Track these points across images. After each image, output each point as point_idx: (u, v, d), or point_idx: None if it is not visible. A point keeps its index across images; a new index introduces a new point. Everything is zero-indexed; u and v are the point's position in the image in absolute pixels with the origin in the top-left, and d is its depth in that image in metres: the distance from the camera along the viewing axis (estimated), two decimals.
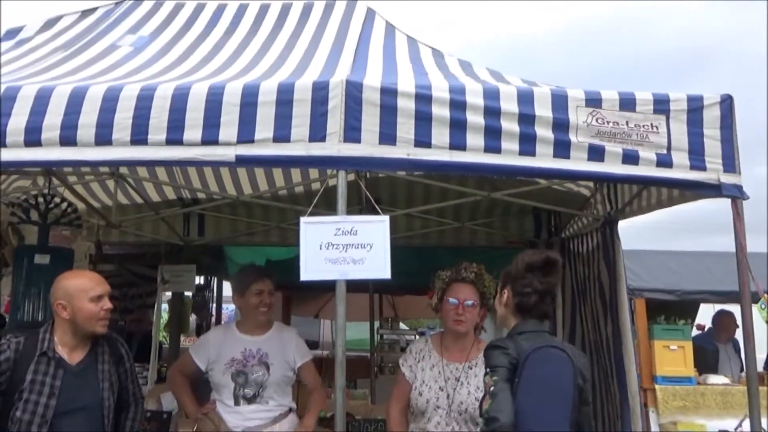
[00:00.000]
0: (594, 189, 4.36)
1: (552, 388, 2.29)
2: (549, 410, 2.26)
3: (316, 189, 4.95)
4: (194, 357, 3.61)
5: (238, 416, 3.47)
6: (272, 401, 3.51)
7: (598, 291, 4.27)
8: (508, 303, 2.57)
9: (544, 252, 2.57)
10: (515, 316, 2.54)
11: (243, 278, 3.62)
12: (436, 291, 3.32)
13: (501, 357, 2.32)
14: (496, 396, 2.20)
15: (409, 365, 3.32)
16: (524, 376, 2.26)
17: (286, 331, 3.73)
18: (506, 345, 2.36)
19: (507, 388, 2.23)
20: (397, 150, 2.68)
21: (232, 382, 3.48)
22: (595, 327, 4.44)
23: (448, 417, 3.14)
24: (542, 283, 2.49)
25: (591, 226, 4.49)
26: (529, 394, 2.24)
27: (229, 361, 3.51)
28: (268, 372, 3.50)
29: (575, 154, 2.76)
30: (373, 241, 2.63)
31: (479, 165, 2.72)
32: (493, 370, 2.29)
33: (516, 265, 2.57)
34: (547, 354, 2.33)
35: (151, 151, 2.63)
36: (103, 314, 2.86)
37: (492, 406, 2.19)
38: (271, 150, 2.64)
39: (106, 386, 2.88)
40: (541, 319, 2.53)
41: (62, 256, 3.81)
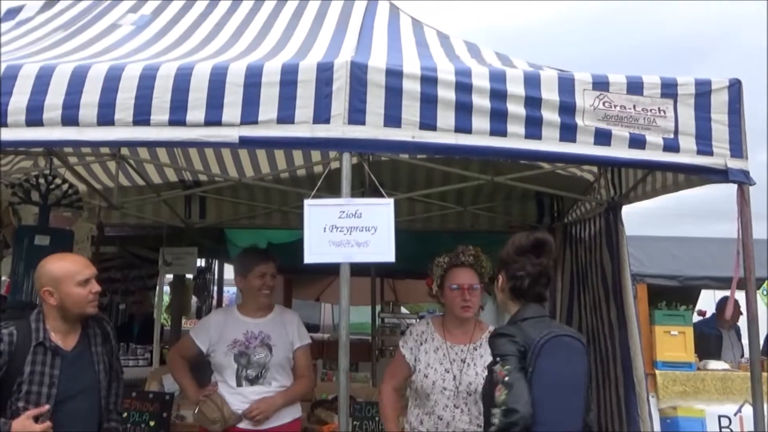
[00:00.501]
0: (598, 174, 4.34)
1: (568, 379, 2.29)
2: (566, 402, 2.26)
3: (318, 172, 4.95)
4: (195, 339, 3.60)
5: (240, 397, 3.47)
6: (275, 382, 3.52)
7: (600, 276, 4.26)
8: (503, 288, 2.56)
9: (534, 234, 2.57)
10: (513, 301, 2.54)
11: (246, 260, 3.62)
12: (435, 278, 3.31)
13: (509, 345, 2.30)
14: (512, 386, 2.17)
15: (409, 347, 3.32)
16: (540, 365, 2.24)
17: (287, 314, 3.73)
18: (512, 332, 2.34)
19: (522, 378, 2.21)
20: (401, 132, 2.65)
21: (234, 363, 3.49)
22: (594, 312, 4.44)
23: (456, 398, 3.15)
24: (534, 265, 2.48)
25: (594, 212, 4.47)
26: (545, 385, 2.23)
27: (231, 342, 3.51)
28: (271, 353, 3.51)
29: (581, 138, 2.73)
30: (378, 224, 2.62)
31: (485, 148, 2.70)
32: (504, 359, 2.26)
33: (507, 249, 2.57)
34: (563, 343, 2.31)
35: (154, 131, 2.60)
36: (91, 297, 2.84)
37: (510, 397, 2.16)
38: (275, 131, 2.61)
39: (101, 368, 2.90)
40: (539, 301, 2.52)
41: (62, 238, 3.81)
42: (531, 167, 4.36)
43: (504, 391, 2.19)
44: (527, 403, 2.15)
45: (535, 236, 2.54)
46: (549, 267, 2.52)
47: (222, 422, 3.41)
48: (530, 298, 2.50)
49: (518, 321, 2.44)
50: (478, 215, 5.67)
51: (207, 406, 3.45)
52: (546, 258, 2.51)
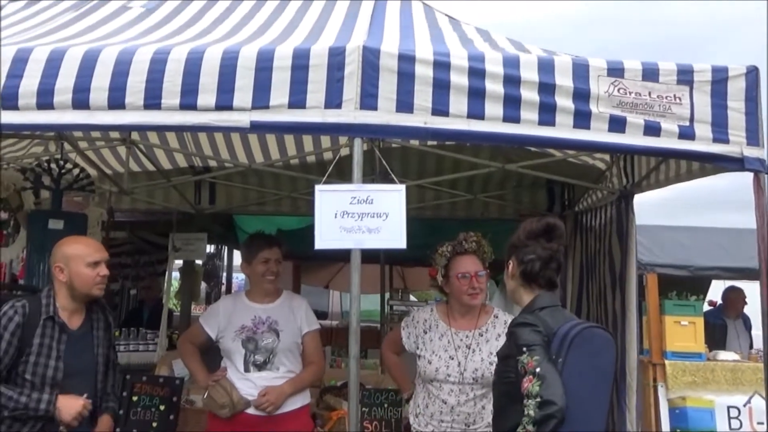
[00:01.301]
0: (610, 162, 4.31)
1: (600, 372, 2.26)
2: (598, 395, 2.24)
3: (328, 158, 4.93)
4: (204, 326, 3.61)
5: (248, 383, 3.48)
6: (283, 367, 3.51)
7: (608, 265, 4.24)
8: (514, 274, 2.54)
9: (544, 218, 2.54)
10: (524, 288, 2.51)
11: (251, 246, 3.61)
12: (439, 267, 3.29)
13: (533, 335, 2.27)
14: (545, 378, 2.13)
15: (408, 332, 3.33)
16: (571, 358, 2.20)
17: (295, 300, 3.72)
18: (534, 322, 2.30)
19: (554, 369, 2.17)
20: (414, 118, 2.63)
21: (242, 349, 3.49)
22: (600, 301, 4.42)
23: (461, 384, 3.15)
24: (545, 249, 2.46)
25: (605, 200, 4.44)
26: (578, 378, 2.19)
27: (239, 328, 3.51)
28: (278, 338, 3.50)
29: (596, 125, 2.69)
30: (389, 211, 2.60)
31: (497, 134, 2.67)
32: (531, 349, 2.22)
33: (518, 234, 2.55)
34: (595, 335, 2.28)
35: (165, 115, 2.59)
36: (99, 279, 2.92)
37: (544, 389, 2.11)
38: (286, 116, 2.59)
39: (100, 352, 2.98)
40: (551, 288, 2.50)
41: (76, 222, 3.81)
42: (542, 155, 4.33)
43: (536, 382, 2.14)
44: (562, 395, 2.11)
45: (546, 221, 2.52)
46: (560, 252, 2.50)
47: (231, 407, 3.42)
48: (541, 284, 2.47)
49: (535, 310, 2.41)
50: (488, 203, 5.65)
51: (216, 391, 3.45)
52: (557, 243, 2.49)
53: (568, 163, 4.54)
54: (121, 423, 3.86)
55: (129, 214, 6.34)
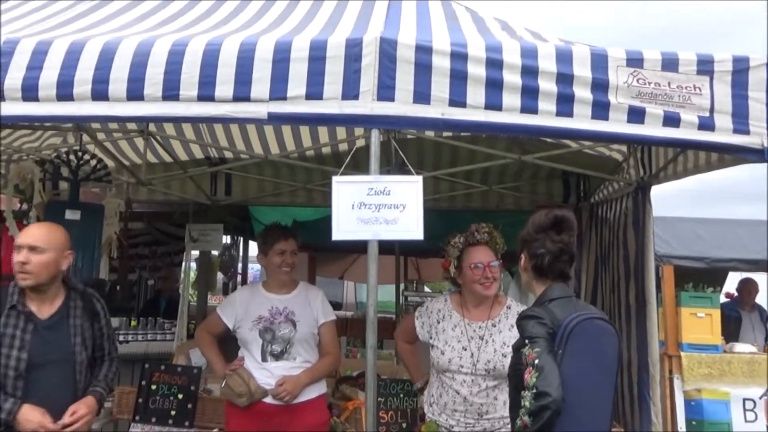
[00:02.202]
0: (627, 153, 4.27)
1: (600, 363, 2.26)
2: (597, 386, 2.24)
3: (343, 150, 4.93)
4: (222, 316, 3.63)
5: (266, 372, 3.50)
6: (299, 357, 3.53)
7: (622, 257, 4.22)
8: (526, 267, 2.54)
9: (553, 211, 2.53)
10: (537, 281, 2.52)
11: (266, 237, 3.63)
12: (452, 259, 3.29)
13: (538, 327, 2.27)
14: (542, 369, 2.15)
15: (422, 322, 3.34)
16: (570, 348, 2.21)
17: (312, 291, 3.74)
18: (540, 314, 2.31)
19: (552, 361, 2.18)
20: (431, 109, 2.61)
21: (259, 339, 3.51)
22: (613, 293, 4.40)
23: (474, 375, 3.15)
24: (555, 242, 2.46)
25: (621, 191, 4.40)
26: (575, 368, 2.20)
27: (256, 318, 3.53)
28: (295, 328, 3.52)
29: (614, 116, 2.66)
30: (407, 202, 2.60)
31: (515, 126, 2.65)
32: (533, 341, 2.23)
33: (527, 228, 2.55)
34: (594, 326, 2.28)
35: (183, 107, 2.59)
36: (17, 266, 2.83)
37: (540, 380, 2.13)
38: (304, 108, 2.59)
39: (77, 341, 2.92)
40: (563, 280, 2.50)
41: (93, 212, 3.84)
42: (558, 146, 4.30)
43: (534, 374, 2.16)
44: (558, 386, 2.13)
45: (555, 213, 2.51)
46: (570, 244, 2.50)
47: (248, 396, 3.44)
48: (553, 276, 2.48)
49: (545, 302, 2.41)
50: (503, 194, 5.63)
51: (234, 380, 3.47)
52: (567, 235, 2.48)
53: (585, 154, 4.51)
54: (140, 411, 3.91)
55: (146, 205, 6.38)
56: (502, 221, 3.43)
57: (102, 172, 4.09)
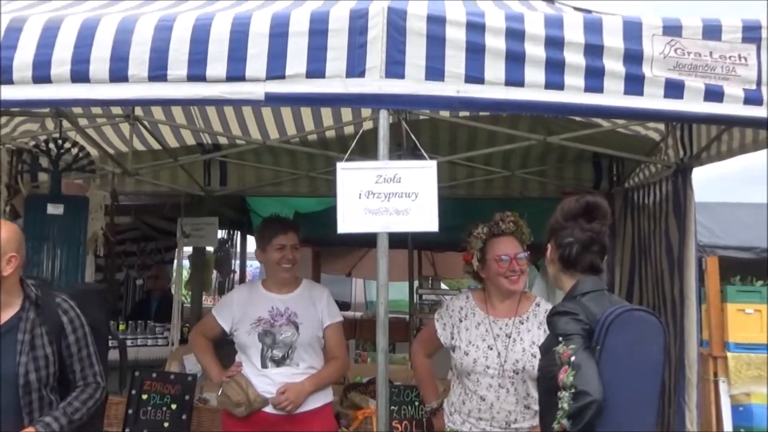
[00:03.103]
0: (665, 132, 4.24)
1: (642, 359, 2.26)
2: (640, 384, 2.24)
3: (349, 133, 4.93)
4: (217, 318, 3.65)
5: (266, 379, 3.52)
6: (303, 363, 3.55)
7: (665, 248, 4.20)
8: (553, 258, 2.56)
9: (584, 197, 2.54)
10: (565, 273, 2.53)
11: (264, 231, 3.64)
12: (475, 251, 3.30)
13: (572, 324, 2.28)
14: (579, 367, 2.15)
15: (443, 323, 3.35)
16: (609, 343, 2.21)
17: (316, 289, 3.75)
18: (574, 310, 2.32)
19: (590, 358, 2.19)
20: (445, 86, 2.60)
21: (259, 343, 3.53)
22: (656, 288, 4.38)
23: (501, 377, 3.15)
24: (585, 231, 2.46)
25: (660, 175, 4.38)
26: (616, 365, 2.20)
27: (255, 320, 3.55)
28: (297, 332, 3.54)
29: (649, 91, 2.65)
30: (419, 190, 2.59)
31: (539, 103, 2.64)
32: (567, 339, 2.24)
33: (555, 216, 2.56)
34: (635, 318, 2.29)
35: (172, 88, 2.59)
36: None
37: (578, 379, 2.14)
38: (305, 87, 2.59)
39: (22, 360, 2.68)
40: (595, 273, 2.50)
41: (77, 206, 3.86)
42: (588, 125, 4.28)
43: (571, 372, 2.16)
44: (598, 385, 2.13)
45: (586, 199, 2.52)
46: (602, 233, 2.50)
47: (247, 405, 3.46)
48: (582, 269, 2.48)
49: (577, 296, 2.41)
50: (527, 180, 5.62)
51: (231, 388, 3.49)
52: (598, 223, 2.48)
53: (618, 134, 4.49)
54: (130, 423, 3.95)
55: (133, 197, 6.42)
56: (526, 210, 3.42)
57: (84, 162, 4.11)
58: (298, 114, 4.82)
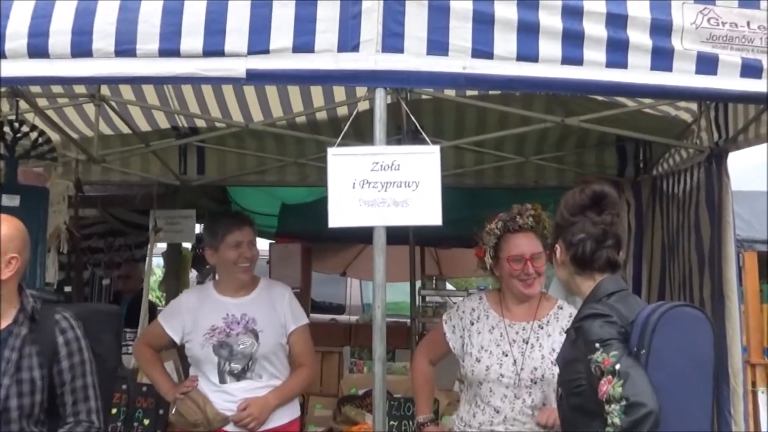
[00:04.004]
0: (698, 112, 4.25)
1: (696, 360, 2.26)
2: (696, 389, 2.24)
3: (342, 115, 4.93)
4: (165, 327, 3.62)
5: (225, 396, 3.50)
6: (266, 374, 3.55)
7: (695, 243, 4.20)
8: (563, 260, 2.55)
9: (589, 186, 2.54)
10: (579, 275, 2.53)
11: (215, 228, 3.62)
12: (488, 248, 3.30)
13: (607, 327, 2.28)
14: (628, 375, 2.14)
15: (452, 325, 3.36)
16: (656, 345, 2.21)
17: (276, 289, 3.73)
18: (606, 312, 2.31)
19: (638, 364, 2.18)
20: (450, 62, 2.61)
21: (214, 357, 3.50)
22: (683, 288, 4.39)
23: (516, 387, 3.16)
24: (596, 224, 2.47)
25: (692, 160, 4.39)
26: (666, 370, 2.20)
27: (208, 330, 3.52)
28: (257, 341, 3.52)
29: (679, 66, 2.65)
30: (420, 179, 2.60)
31: (555, 80, 2.65)
32: (606, 345, 2.23)
33: (560, 211, 2.56)
34: (685, 315, 2.29)
35: (142, 64, 2.60)
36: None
37: (629, 389, 2.12)
38: (291, 63, 2.59)
39: (4, 382, 2.53)
40: (612, 269, 2.51)
41: (35, 197, 3.86)
42: (611, 105, 4.28)
43: (618, 381, 2.15)
44: (652, 393, 2.13)
45: (592, 188, 2.52)
46: (615, 224, 2.51)
47: (205, 425, 3.45)
48: (599, 267, 2.48)
49: (601, 298, 2.42)
50: (543, 167, 5.63)
51: (186, 407, 3.47)
52: (609, 214, 2.49)
53: (645, 115, 4.49)
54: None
55: (100, 187, 6.40)
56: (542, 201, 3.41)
57: (45, 148, 4.10)
58: (285, 94, 4.82)
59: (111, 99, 4.51)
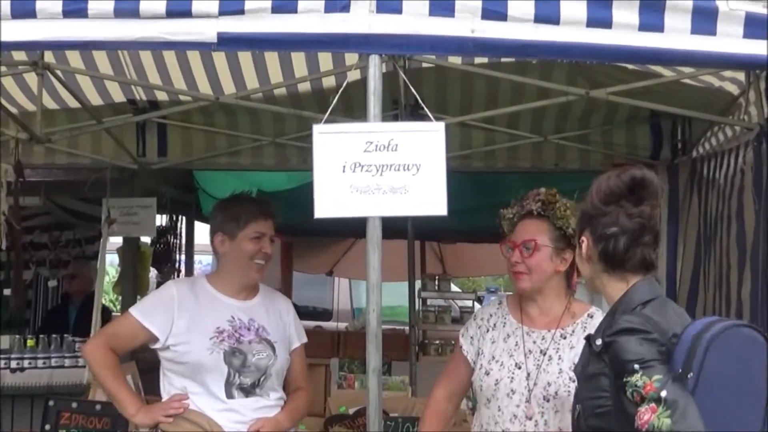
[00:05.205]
0: (746, 84, 4.26)
1: (747, 390, 2.26)
2: (741, 416, 2.25)
3: (329, 87, 4.93)
4: (145, 322, 3.46)
5: (233, 415, 3.42)
6: (273, 393, 3.53)
7: (735, 234, 4.22)
8: (590, 255, 2.55)
9: (627, 170, 2.52)
10: (608, 274, 2.53)
11: (237, 212, 3.55)
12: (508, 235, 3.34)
13: (647, 346, 2.26)
14: (676, 405, 2.13)
15: (470, 336, 3.37)
16: (708, 370, 2.21)
17: (279, 299, 3.76)
18: (645, 327, 2.31)
19: (685, 391, 2.19)
20: (456, 24, 2.62)
21: (225, 365, 3.41)
22: (719, 286, 4.41)
23: (528, 406, 3.18)
24: (633, 217, 2.45)
25: (737, 140, 4.40)
26: (716, 400, 2.20)
27: (214, 332, 3.44)
28: (275, 354, 3.51)
29: (724, 29, 2.67)
30: (422, 161, 2.61)
31: (578, 46, 2.66)
32: (647, 367, 2.22)
33: (590, 198, 2.54)
34: (742, 337, 2.28)
35: (94, 27, 2.60)
36: None
37: (679, 422, 2.11)
38: (270, 25, 2.60)
39: None
40: (646, 271, 2.50)
41: None
42: (644, 75, 4.29)
43: (664, 412, 2.14)
44: (703, 427, 2.12)
45: (631, 173, 2.51)
46: (653, 218, 2.49)
47: None
48: (632, 267, 2.48)
49: (636, 307, 2.42)
50: (563, 148, 5.65)
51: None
52: (648, 205, 2.48)
53: (683, 87, 4.50)
54: None
55: (44, 171, 6.41)
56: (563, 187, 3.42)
57: None
58: (262, 61, 4.81)
59: (56, 67, 4.49)
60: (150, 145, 5.89)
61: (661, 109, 4.70)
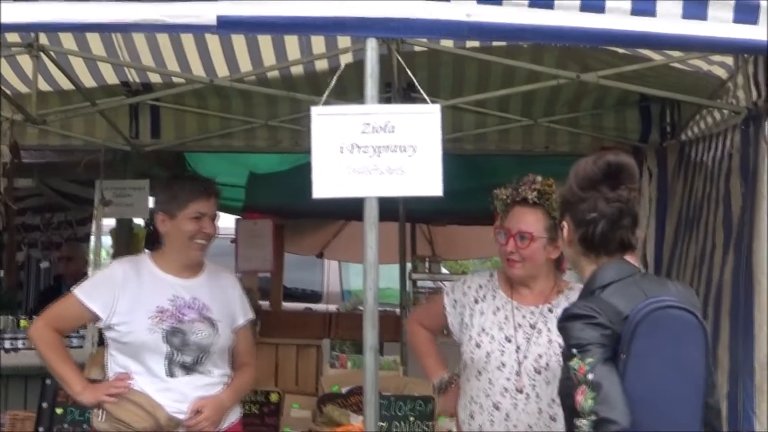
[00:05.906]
0: (734, 68, 4.28)
1: (679, 367, 2.31)
2: (677, 401, 2.30)
3: (322, 70, 4.93)
4: (87, 302, 3.48)
5: (173, 394, 3.46)
6: (217, 371, 3.56)
7: (722, 215, 4.24)
8: (571, 239, 2.59)
9: (603, 156, 2.55)
10: (587, 257, 2.57)
11: (177, 192, 3.57)
12: (501, 216, 3.37)
13: (587, 330, 2.32)
14: (600, 387, 2.21)
15: (454, 299, 3.44)
16: (636, 350, 2.26)
17: (224, 276, 3.79)
18: (590, 312, 2.35)
19: (612, 373, 2.24)
20: (451, 8, 2.63)
21: (164, 345, 3.44)
22: (699, 266, 4.44)
23: (518, 378, 3.22)
24: (611, 201, 2.49)
25: (725, 123, 4.42)
26: (646, 378, 2.26)
27: (155, 312, 3.46)
28: (217, 332, 3.53)
29: (715, 13, 2.69)
30: (418, 142, 2.63)
31: (573, 30, 2.68)
32: (584, 351, 2.28)
33: (569, 184, 2.58)
34: (669, 318, 2.33)
35: (89, 8, 2.61)
36: None
37: (600, 404, 2.19)
38: (267, 8, 2.61)
39: None
40: (624, 252, 2.54)
41: None
42: (633, 59, 4.30)
43: (590, 394, 2.21)
44: (625, 408, 2.19)
45: (606, 159, 2.53)
46: (631, 201, 2.52)
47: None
48: (611, 250, 2.52)
49: (595, 290, 2.46)
50: (554, 131, 5.67)
51: (127, 412, 3.40)
52: (626, 189, 2.51)
53: (672, 71, 4.51)
54: None
55: (36, 153, 6.38)
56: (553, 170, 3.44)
57: None
58: (255, 44, 4.80)
59: (50, 49, 4.48)
60: (143, 127, 5.86)
61: (651, 92, 4.73)
